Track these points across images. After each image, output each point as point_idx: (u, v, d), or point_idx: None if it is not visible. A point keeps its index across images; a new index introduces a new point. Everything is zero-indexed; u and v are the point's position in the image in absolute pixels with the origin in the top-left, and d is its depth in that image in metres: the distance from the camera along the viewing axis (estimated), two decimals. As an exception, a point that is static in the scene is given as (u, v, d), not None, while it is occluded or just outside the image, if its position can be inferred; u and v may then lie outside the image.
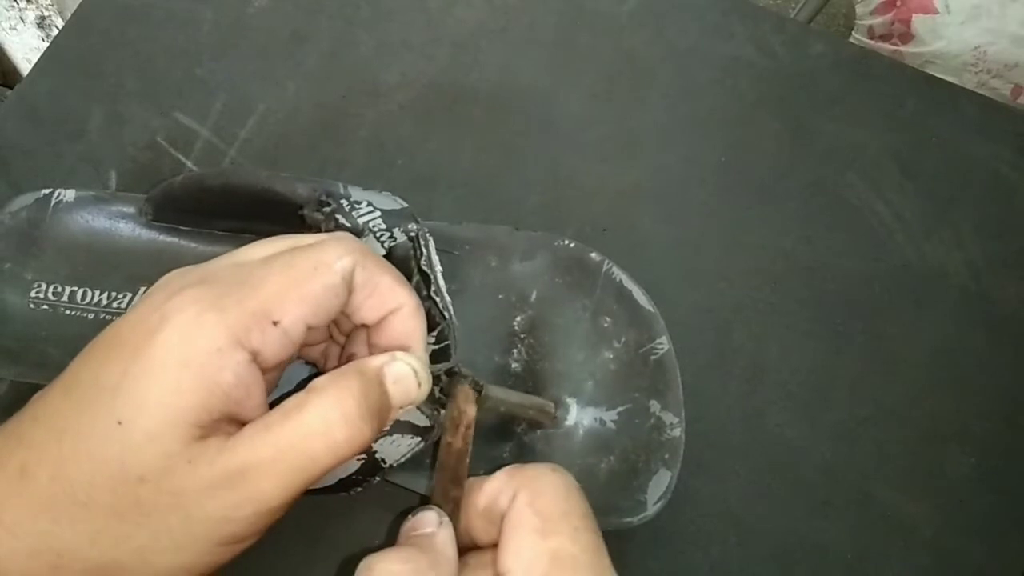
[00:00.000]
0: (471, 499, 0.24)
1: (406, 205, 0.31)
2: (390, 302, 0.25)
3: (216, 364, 0.21)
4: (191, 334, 0.21)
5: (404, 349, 0.25)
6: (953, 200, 0.42)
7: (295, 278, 0.23)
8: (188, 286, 0.22)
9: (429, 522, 0.23)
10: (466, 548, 0.24)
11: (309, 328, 0.23)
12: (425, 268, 0.29)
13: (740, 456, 0.36)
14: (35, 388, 0.31)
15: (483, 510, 0.24)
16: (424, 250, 0.29)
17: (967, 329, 0.40)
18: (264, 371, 0.22)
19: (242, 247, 0.25)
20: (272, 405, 0.23)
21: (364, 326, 0.26)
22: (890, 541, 0.36)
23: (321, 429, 0.21)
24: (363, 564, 0.21)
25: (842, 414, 0.37)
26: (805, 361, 0.38)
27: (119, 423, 0.20)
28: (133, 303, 0.24)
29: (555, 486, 0.23)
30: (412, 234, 0.30)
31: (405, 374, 0.24)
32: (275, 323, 0.22)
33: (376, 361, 0.24)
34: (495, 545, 0.23)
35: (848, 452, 0.37)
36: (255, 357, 0.22)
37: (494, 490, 0.24)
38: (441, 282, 0.29)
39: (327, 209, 0.29)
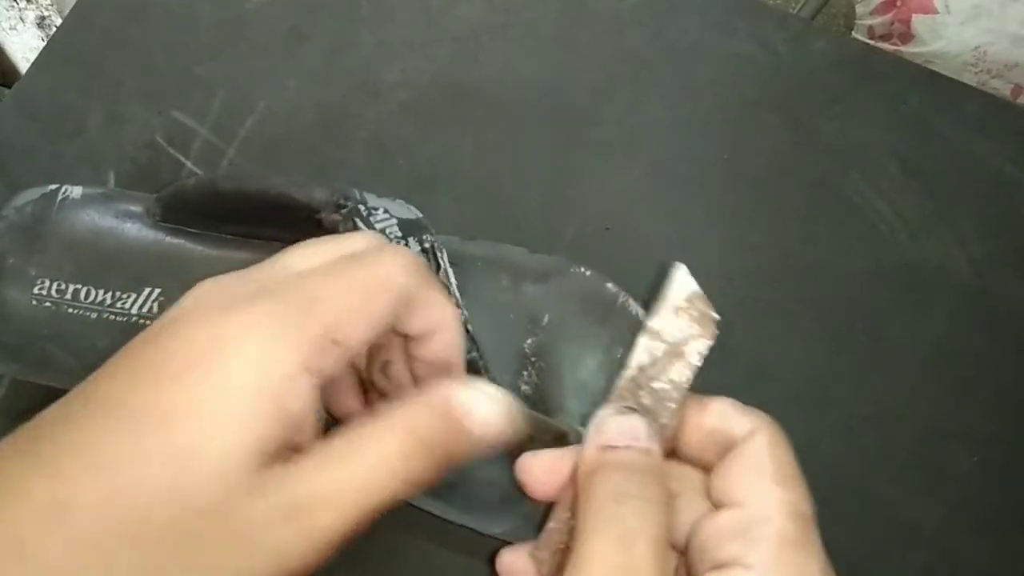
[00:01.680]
0: (694, 414, 0.24)
1: (421, 215, 0.31)
2: (437, 317, 0.24)
3: (288, 391, 0.20)
4: (263, 358, 0.20)
5: (445, 366, 0.24)
6: (955, 198, 0.42)
7: (362, 297, 0.21)
8: (245, 301, 0.21)
9: (639, 433, 0.22)
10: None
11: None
12: (441, 280, 0.29)
13: (742, 455, 0.36)
14: (36, 387, 0.31)
15: (710, 431, 0.23)
16: (440, 262, 0.29)
17: (969, 327, 0.39)
18: None
19: (284, 252, 0.23)
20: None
21: (404, 335, 0.25)
22: (892, 540, 0.35)
23: (386, 465, 0.20)
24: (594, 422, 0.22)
25: (843, 413, 0.37)
26: (806, 360, 0.38)
27: (181, 451, 0.19)
28: (164, 312, 0.22)
29: (788, 443, 0.23)
30: (427, 245, 0.30)
31: (486, 411, 0.22)
32: (336, 342, 0.21)
33: (452, 394, 0.22)
34: (701, 467, 0.23)
35: (849, 451, 0.37)
36: (319, 380, 0.21)
37: (727, 413, 0.23)
38: (456, 295, 0.29)
39: (344, 210, 0.29)
